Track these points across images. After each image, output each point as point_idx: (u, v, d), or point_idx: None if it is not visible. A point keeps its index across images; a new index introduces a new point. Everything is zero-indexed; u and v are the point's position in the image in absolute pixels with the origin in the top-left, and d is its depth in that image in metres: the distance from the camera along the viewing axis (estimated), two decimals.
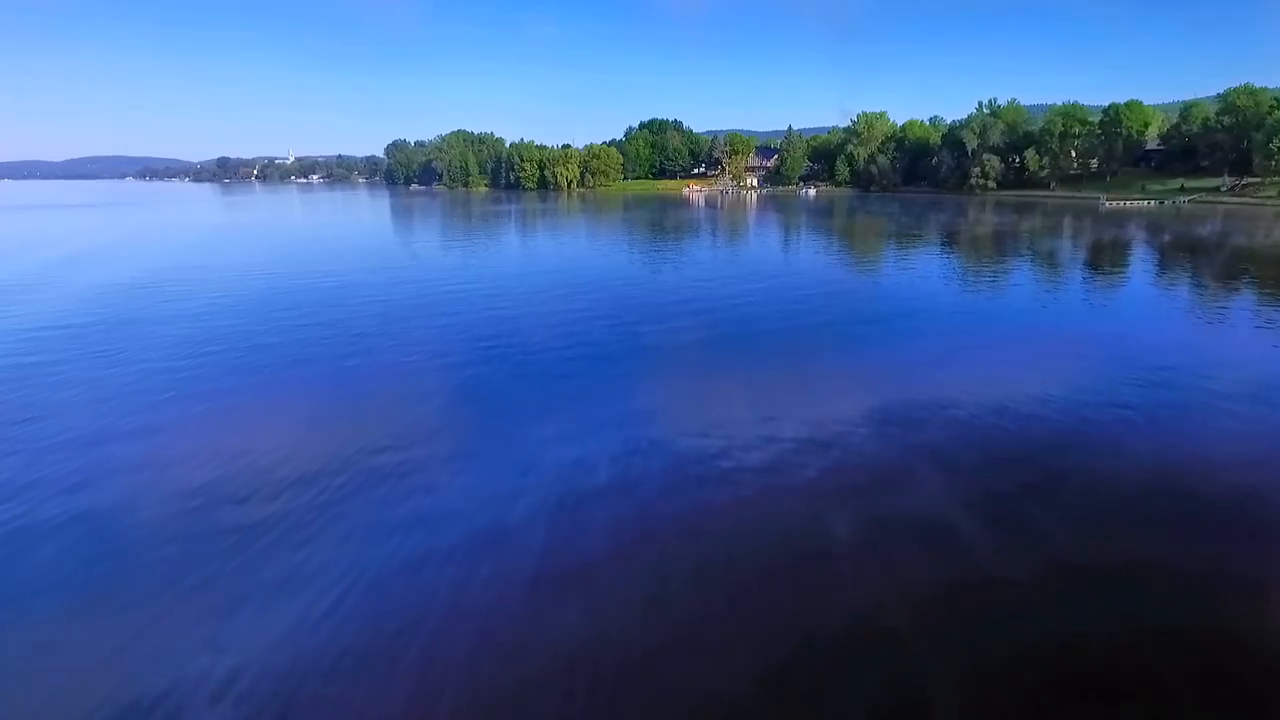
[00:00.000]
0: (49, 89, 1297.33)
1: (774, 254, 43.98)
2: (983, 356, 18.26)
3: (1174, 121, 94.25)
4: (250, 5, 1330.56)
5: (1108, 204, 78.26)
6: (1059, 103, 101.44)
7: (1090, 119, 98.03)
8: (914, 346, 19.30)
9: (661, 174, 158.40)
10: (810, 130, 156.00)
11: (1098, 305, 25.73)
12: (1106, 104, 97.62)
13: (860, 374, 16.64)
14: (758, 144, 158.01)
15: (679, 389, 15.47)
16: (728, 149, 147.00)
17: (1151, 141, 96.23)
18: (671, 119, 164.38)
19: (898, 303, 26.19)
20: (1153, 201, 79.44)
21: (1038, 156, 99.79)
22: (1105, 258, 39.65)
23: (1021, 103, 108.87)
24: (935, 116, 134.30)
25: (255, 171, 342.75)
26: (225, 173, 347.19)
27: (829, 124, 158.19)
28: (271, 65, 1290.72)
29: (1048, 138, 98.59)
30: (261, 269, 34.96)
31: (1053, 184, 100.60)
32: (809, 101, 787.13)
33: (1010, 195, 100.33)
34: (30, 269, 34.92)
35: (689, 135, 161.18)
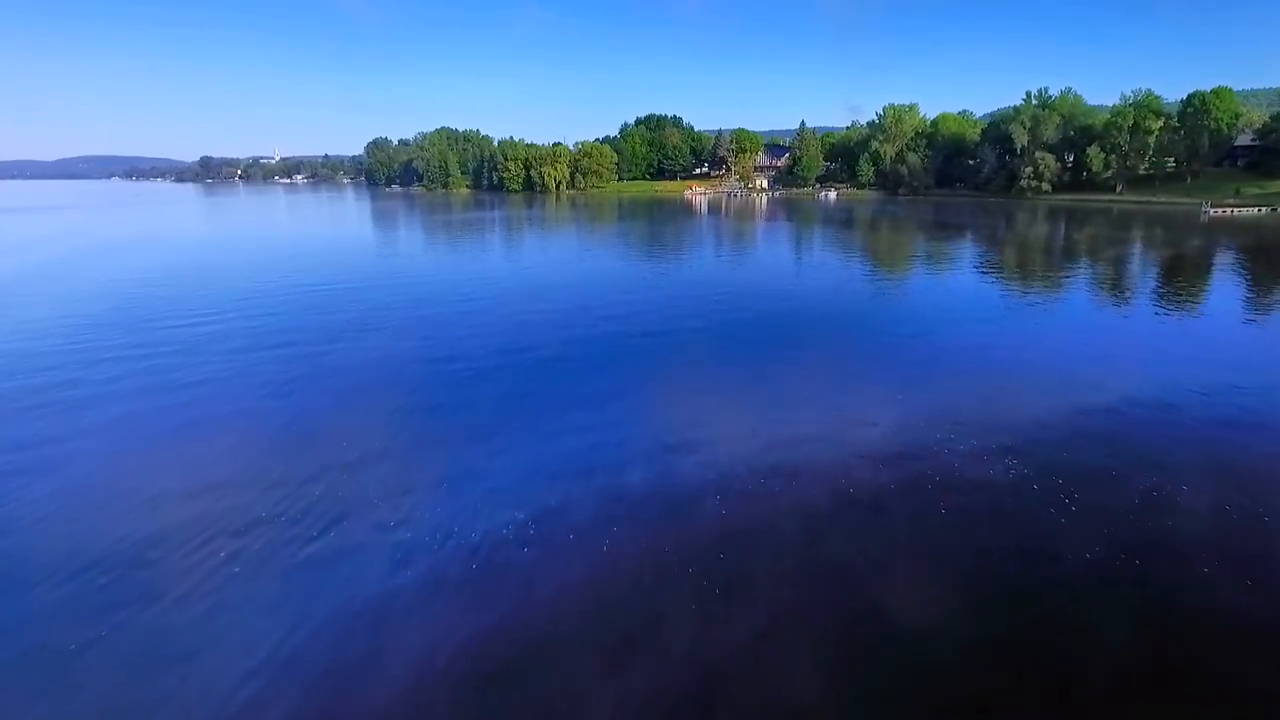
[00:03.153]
0: (45, 89, 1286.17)
1: (824, 307, 28.74)
2: None
3: (1275, 112, 78.76)
4: (245, 4, 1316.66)
5: (1212, 211, 62.90)
6: (1092, 98, 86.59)
7: (1166, 110, 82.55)
8: None
9: (660, 174, 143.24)
10: (818, 130, 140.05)
11: None
12: (1184, 95, 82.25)
13: None
14: (764, 142, 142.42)
15: None
16: (733, 146, 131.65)
17: (1243, 136, 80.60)
18: (670, 115, 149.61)
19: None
20: (1264, 209, 64.23)
21: (1103, 155, 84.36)
22: None
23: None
24: (964, 111, 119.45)
25: (239, 171, 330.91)
26: (208, 172, 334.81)
27: (834, 124, 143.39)
28: (263, 65, 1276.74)
29: (1115, 133, 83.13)
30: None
31: (1119, 186, 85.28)
32: (813, 101, 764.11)
33: (1069, 200, 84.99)
34: None
35: (689, 132, 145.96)
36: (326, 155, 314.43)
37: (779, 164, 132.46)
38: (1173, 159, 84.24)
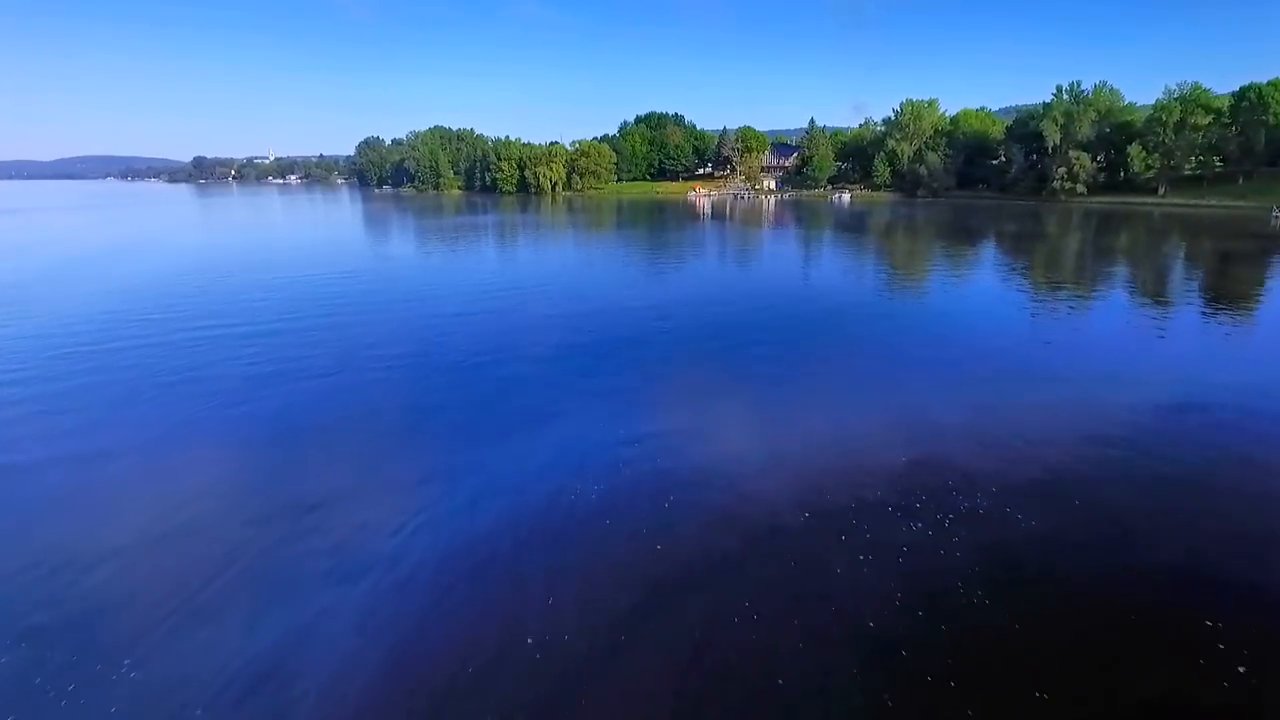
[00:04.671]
0: (43, 89, 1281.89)
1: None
2: None
3: None
4: (242, 4, 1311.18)
5: None
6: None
7: (1216, 105, 75.54)
8: None
9: (661, 174, 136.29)
10: (824, 130, 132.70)
11: None
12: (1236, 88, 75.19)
13: None
14: (770, 142, 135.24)
15: None
16: (739, 145, 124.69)
17: None
18: (672, 113, 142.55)
19: None
20: None
21: (1144, 154, 77.41)
22: None
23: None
24: (982, 107, 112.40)
25: (233, 172, 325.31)
26: (202, 173, 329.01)
27: (839, 123, 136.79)
28: (259, 64, 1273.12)
29: (1158, 130, 76.18)
30: None
31: (1162, 188, 78.32)
32: (817, 100, 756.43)
33: (1107, 202, 78.02)
34: None
35: (692, 131, 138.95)
36: (321, 155, 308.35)
37: (787, 164, 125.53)
38: (1221, 158, 77.27)
